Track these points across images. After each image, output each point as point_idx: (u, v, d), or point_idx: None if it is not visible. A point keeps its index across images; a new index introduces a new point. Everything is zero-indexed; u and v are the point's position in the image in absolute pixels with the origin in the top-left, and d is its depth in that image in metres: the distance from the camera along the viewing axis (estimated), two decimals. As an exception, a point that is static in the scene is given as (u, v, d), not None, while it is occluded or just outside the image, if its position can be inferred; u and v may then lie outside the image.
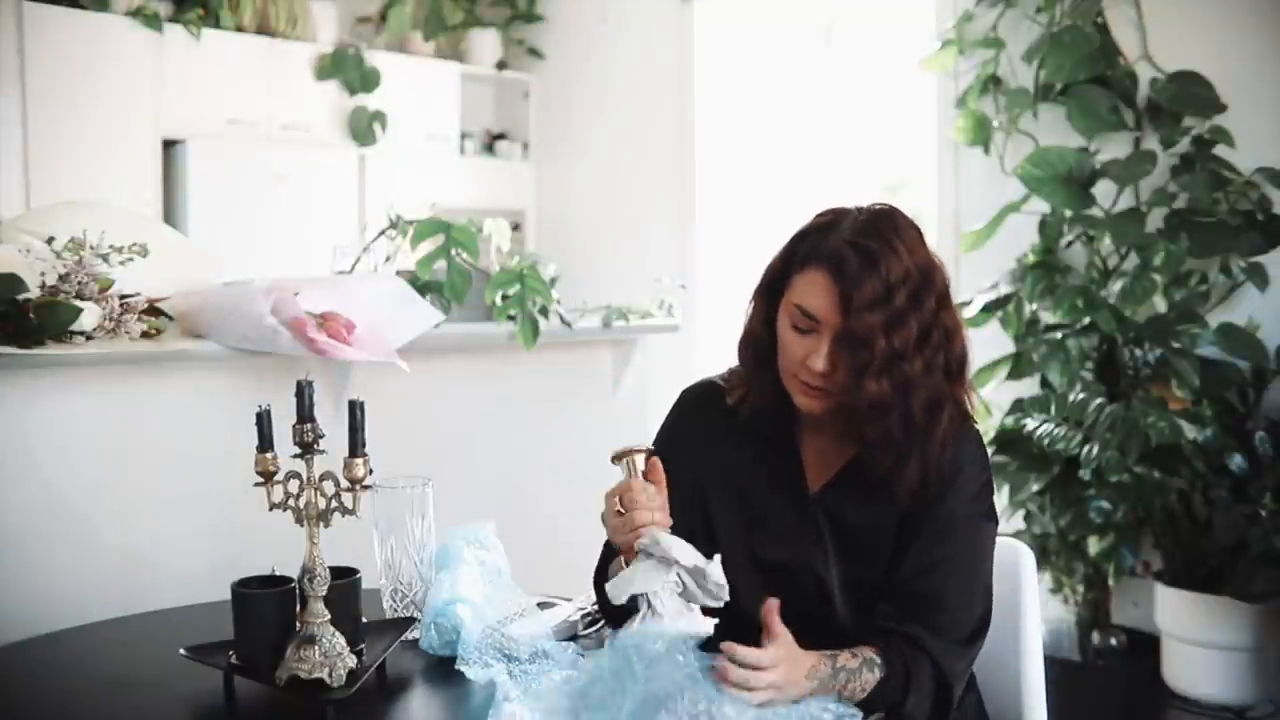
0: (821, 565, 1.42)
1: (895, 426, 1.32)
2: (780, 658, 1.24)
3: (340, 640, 1.33)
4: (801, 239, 1.39)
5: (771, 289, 1.41)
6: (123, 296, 2.00)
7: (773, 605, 1.25)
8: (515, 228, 4.89)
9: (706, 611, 1.28)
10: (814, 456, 1.46)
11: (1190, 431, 3.12)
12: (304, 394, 1.32)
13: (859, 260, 1.30)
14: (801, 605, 1.36)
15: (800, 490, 1.45)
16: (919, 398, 1.32)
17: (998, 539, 1.47)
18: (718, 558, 1.27)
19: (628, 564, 1.33)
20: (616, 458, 1.38)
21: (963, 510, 1.40)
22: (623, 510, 1.34)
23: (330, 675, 1.30)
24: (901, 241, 1.32)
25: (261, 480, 1.33)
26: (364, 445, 1.33)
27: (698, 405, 1.55)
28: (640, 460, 1.37)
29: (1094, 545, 3.32)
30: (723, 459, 1.36)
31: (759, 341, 1.43)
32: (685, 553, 1.26)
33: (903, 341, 1.30)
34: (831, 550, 1.42)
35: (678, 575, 1.26)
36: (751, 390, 1.46)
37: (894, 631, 1.35)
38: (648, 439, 1.56)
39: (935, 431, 1.35)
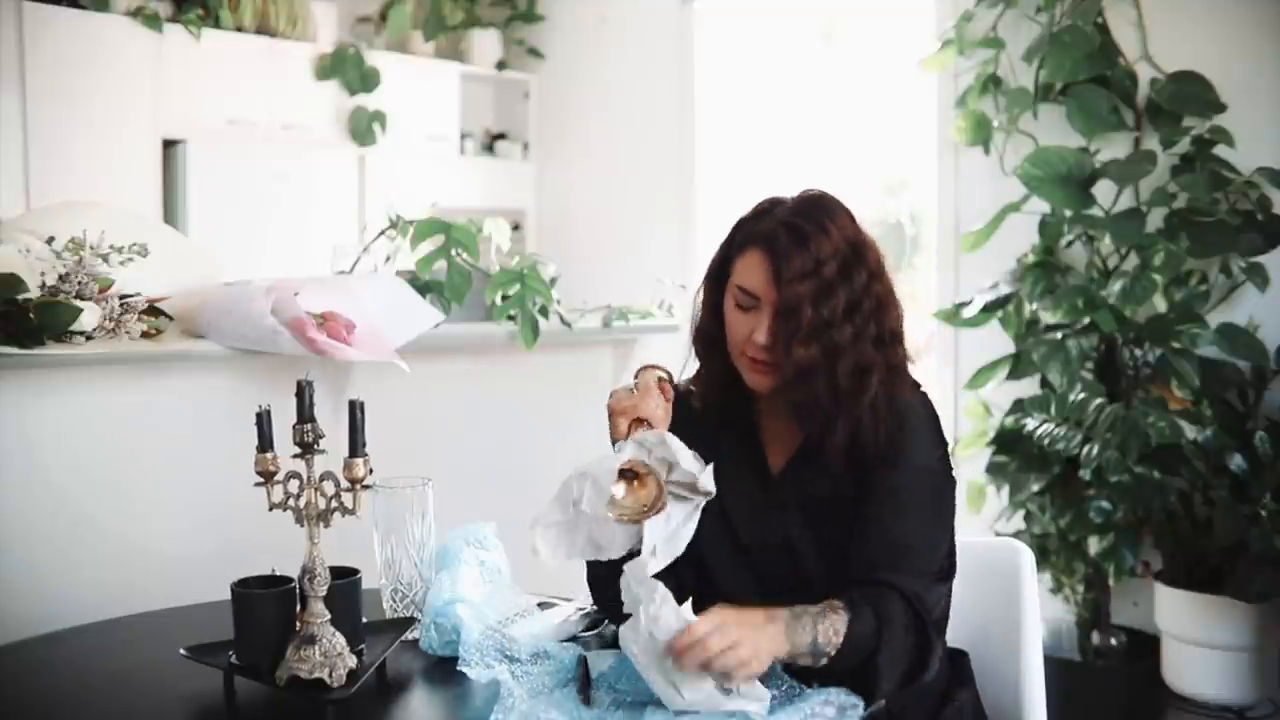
0: (795, 539, 1.46)
1: (822, 391, 1.40)
2: (715, 621, 1.24)
3: (340, 640, 1.33)
4: (739, 227, 1.49)
5: (717, 276, 1.51)
6: (123, 296, 2.00)
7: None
8: (515, 228, 4.89)
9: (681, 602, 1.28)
10: (774, 437, 1.52)
11: (1190, 431, 3.12)
12: (304, 394, 1.32)
13: (789, 238, 1.40)
14: (781, 582, 1.42)
15: (764, 471, 1.51)
16: (845, 364, 1.40)
17: (997, 539, 1.48)
18: (710, 467, 1.33)
19: (615, 442, 1.42)
20: (636, 374, 1.48)
21: (919, 461, 1.44)
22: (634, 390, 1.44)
23: (330, 675, 1.30)
24: (832, 222, 1.42)
25: (261, 480, 1.33)
26: (364, 445, 1.33)
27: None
28: (653, 378, 1.47)
29: (1094, 545, 3.31)
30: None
31: (707, 328, 1.52)
32: (685, 457, 1.33)
33: (830, 311, 1.39)
34: (801, 523, 1.46)
35: (672, 483, 1.33)
36: (703, 377, 1.55)
37: (858, 580, 1.37)
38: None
39: (863, 396, 1.41)
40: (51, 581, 1.92)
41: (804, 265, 1.39)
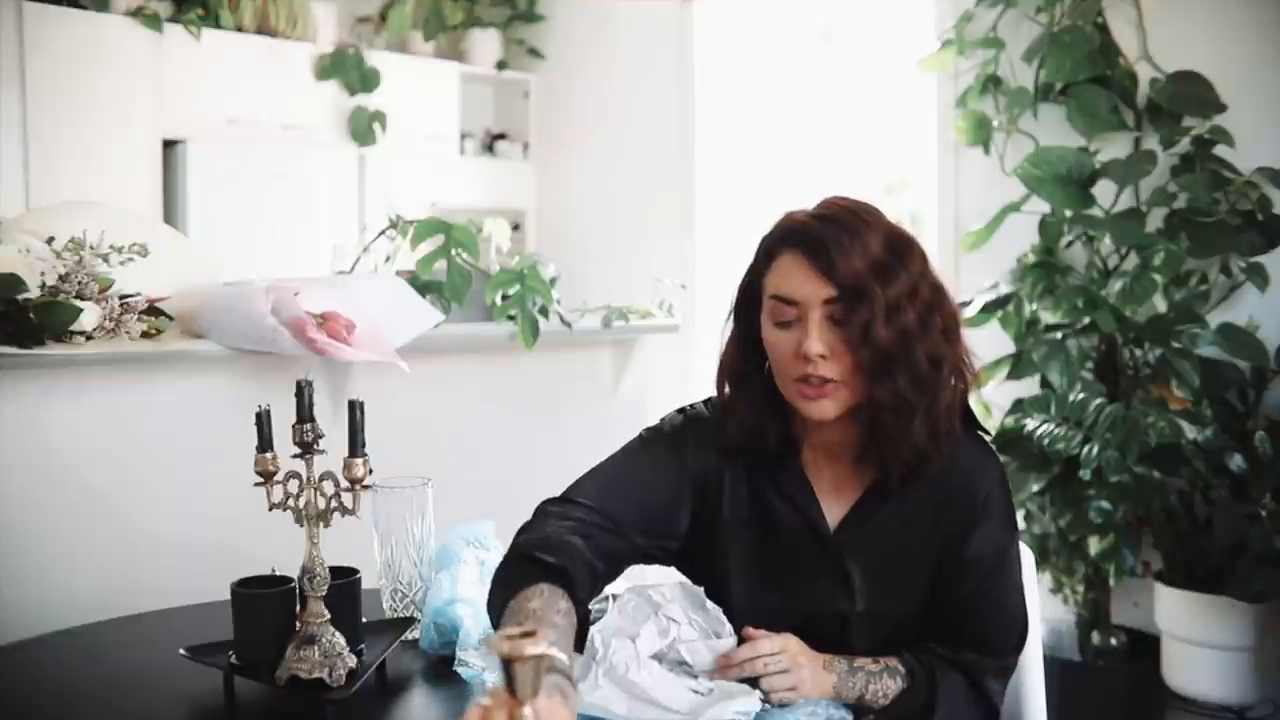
0: (845, 605, 1.36)
1: (903, 383, 1.25)
2: (780, 645, 1.28)
3: (340, 640, 1.33)
4: (761, 243, 1.35)
5: (745, 304, 1.36)
6: (123, 296, 2.00)
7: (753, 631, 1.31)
8: (515, 228, 4.89)
9: None
10: (828, 489, 1.38)
11: (1190, 431, 3.12)
12: (304, 394, 1.32)
13: (825, 228, 1.26)
14: (820, 642, 1.34)
15: (819, 531, 1.36)
16: (922, 350, 1.26)
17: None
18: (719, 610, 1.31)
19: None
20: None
21: (994, 543, 1.36)
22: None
23: (330, 675, 1.30)
24: (865, 211, 1.29)
25: (261, 480, 1.33)
26: (364, 445, 1.33)
27: (701, 443, 1.39)
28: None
29: (1094, 545, 3.31)
30: (735, 505, 1.35)
31: (735, 364, 1.37)
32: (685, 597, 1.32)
33: (897, 291, 1.24)
34: (858, 587, 1.36)
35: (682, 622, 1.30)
36: (732, 422, 1.37)
37: (923, 649, 1.36)
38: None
39: (941, 392, 1.28)
40: (51, 581, 1.92)
41: (853, 246, 1.24)
